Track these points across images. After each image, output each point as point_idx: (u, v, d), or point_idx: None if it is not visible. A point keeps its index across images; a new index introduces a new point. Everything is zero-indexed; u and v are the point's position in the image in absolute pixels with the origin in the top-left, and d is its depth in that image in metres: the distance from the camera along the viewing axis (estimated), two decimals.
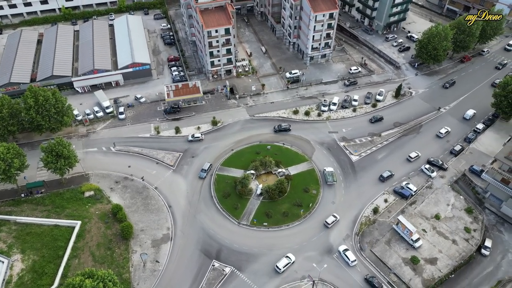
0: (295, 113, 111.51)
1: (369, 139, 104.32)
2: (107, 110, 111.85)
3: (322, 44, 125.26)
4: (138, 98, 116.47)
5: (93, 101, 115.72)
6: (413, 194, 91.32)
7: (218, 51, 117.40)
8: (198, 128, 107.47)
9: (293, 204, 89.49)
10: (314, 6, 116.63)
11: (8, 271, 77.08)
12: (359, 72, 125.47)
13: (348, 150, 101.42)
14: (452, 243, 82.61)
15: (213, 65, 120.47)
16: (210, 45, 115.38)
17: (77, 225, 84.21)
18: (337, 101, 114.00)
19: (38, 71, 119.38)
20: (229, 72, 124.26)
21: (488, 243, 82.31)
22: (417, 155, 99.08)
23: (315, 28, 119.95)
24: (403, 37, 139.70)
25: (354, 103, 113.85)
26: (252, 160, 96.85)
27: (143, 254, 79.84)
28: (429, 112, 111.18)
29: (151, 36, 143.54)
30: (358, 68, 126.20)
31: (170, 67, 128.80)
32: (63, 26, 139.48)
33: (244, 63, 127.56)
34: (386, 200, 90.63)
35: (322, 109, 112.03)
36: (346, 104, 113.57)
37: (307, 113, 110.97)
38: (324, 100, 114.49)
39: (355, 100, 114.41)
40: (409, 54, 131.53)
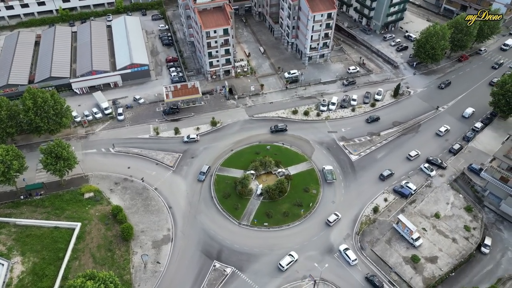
0: (294, 113, 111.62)
1: (368, 139, 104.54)
2: (106, 111, 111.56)
3: (321, 44, 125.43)
4: (137, 99, 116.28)
5: (92, 103, 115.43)
6: (413, 193, 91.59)
7: (217, 52, 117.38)
8: (198, 129, 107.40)
9: (293, 204, 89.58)
10: (312, 6, 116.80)
11: (8, 274, 76.58)
12: (358, 72, 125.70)
13: (348, 150, 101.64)
14: (452, 242, 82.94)
15: (212, 66, 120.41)
16: (209, 46, 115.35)
17: (77, 227, 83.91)
18: (336, 101, 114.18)
19: (36, 73, 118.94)
20: (228, 73, 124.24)
21: (488, 241, 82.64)
22: (417, 154, 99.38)
23: (313, 28, 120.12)
24: (401, 37, 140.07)
25: (353, 103, 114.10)
26: (252, 160, 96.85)
27: (144, 255, 79.67)
28: (428, 111, 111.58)
29: (149, 37, 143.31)
30: (357, 68, 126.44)
31: (169, 68, 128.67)
32: (61, 28, 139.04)
33: (243, 64, 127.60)
34: (386, 199, 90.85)
35: (321, 109, 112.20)
36: (345, 104, 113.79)
37: (306, 113, 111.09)
38: (323, 100, 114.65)
39: (354, 100, 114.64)
40: (407, 54, 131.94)
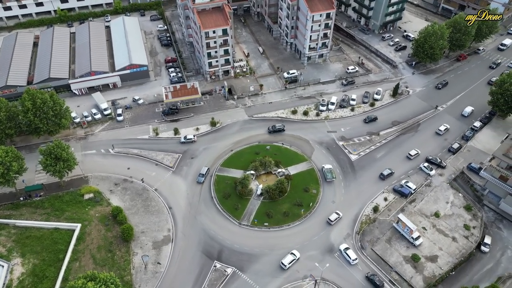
0: (294, 113, 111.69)
1: (368, 138, 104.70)
2: (105, 112, 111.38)
3: (319, 44, 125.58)
4: (136, 100, 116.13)
5: (91, 103, 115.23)
6: (413, 192, 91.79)
7: (216, 52, 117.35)
8: (197, 129, 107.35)
9: (294, 204, 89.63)
10: (311, 6, 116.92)
11: (8, 275, 76.39)
12: (357, 72, 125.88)
13: (347, 149, 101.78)
14: (452, 241, 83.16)
15: (211, 66, 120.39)
16: (208, 46, 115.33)
17: (77, 228, 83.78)
18: (335, 101, 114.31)
19: (35, 74, 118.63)
20: (227, 73, 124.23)
21: (488, 240, 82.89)
22: (417, 153, 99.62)
23: (312, 28, 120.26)
24: (399, 36, 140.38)
25: (352, 103, 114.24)
26: (252, 161, 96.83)
27: (145, 256, 79.55)
28: (427, 111, 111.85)
29: (148, 38, 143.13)
30: (356, 68, 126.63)
31: (168, 69, 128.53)
32: (59, 28, 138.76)
33: (242, 64, 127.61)
34: (386, 199, 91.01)
35: (321, 109, 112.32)
36: (344, 104, 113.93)
37: (306, 113, 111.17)
38: (322, 100, 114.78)
39: (353, 100, 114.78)
40: (406, 53, 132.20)
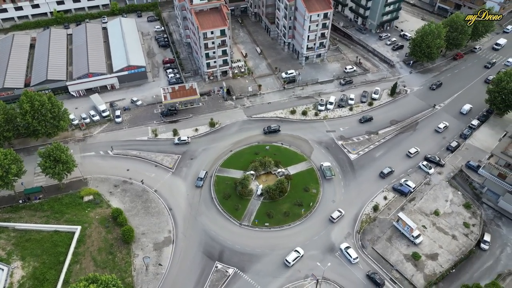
0: (292, 113, 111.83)
1: (367, 137, 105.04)
2: (104, 114, 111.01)
3: (317, 44, 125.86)
4: (135, 101, 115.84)
5: (89, 105, 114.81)
6: (412, 191, 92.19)
7: (214, 53, 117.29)
8: (196, 130, 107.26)
9: (294, 204, 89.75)
10: (309, 6, 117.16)
11: (8, 279, 76.01)
12: (354, 71, 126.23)
13: (346, 149, 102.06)
14: (452, 239, 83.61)
15: (209, 67, 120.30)
16: (206, 47, 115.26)
17: (77, 230, 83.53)
18: (334, 100, 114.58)
19: (32, 76, 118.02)
20: (225, 74, 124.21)
21: (487, 238, 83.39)
22: (417, 151, 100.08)
23: (310, 28, 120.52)
24: (396, 36, 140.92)
25: (351, 102, 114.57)
26: (251, 161, 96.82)
27: (146, 258, 79.36)
28: (425, 109, 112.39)
29: (145, 39, 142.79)
30: (353, 67, 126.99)
31: (166, 70, 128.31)
32: (56, 30, 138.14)
33: (240, 64, 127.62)
34: (386, 198, 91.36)
35: (319, 109, 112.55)
36: (343, 103, 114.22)
37: (304, 113, 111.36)
38: (321, 100, 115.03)
39: (352, 99, 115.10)
40: (403, 53, 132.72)
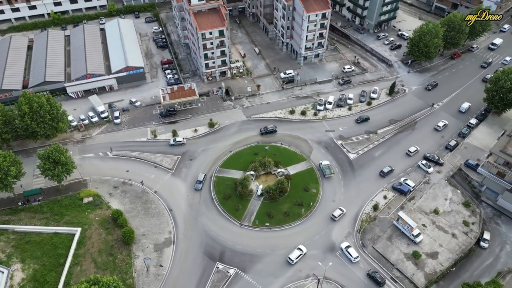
0: (291, 113, 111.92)
1: (366, 137, 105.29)
2: (102, 115, 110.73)
3: (315, 44, 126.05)
4: (133, 102, 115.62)
5: (87, 106, 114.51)
6: (412, 190, 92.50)
7: (213, 53, 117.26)
8: (195, 131, 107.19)
9: (294, 204, 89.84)
10: (307, 6, 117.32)
11: (9, 281, 75.67)
12: (353, 71, 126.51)
13: (346, 148, 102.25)
14: (452, 237, 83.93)
15: (208, 67, 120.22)
16: (205, 47, 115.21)
17: (77, 232, 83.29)
18: (333, 100, 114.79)
19: (30, 77, 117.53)
20: (224, 74, 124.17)
21: (487, 236, 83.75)
22: (416, 150, 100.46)
23: (308, 28, 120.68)
24: (394, 35, 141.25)
25: (349, 102, 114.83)
26: (251, 161, 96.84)
27: (147, 259, 79.23)
28: (423, 109, 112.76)
29: (143, 40, 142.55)
30: (352, 67, 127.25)
31: (164, 70, 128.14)
32: (53, 31, 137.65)
33: (239, 65, 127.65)
34: (386, 197, 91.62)
35: (318, 108, 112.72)
36: (342, 103, 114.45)
37: (303, 113, 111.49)
38: (320, 99, 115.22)
39: (350, 99, 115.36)
40: (401, 52, 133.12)
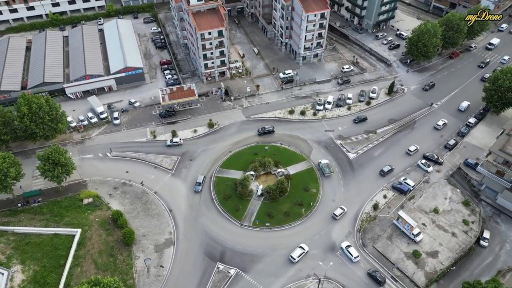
0: (291, 113, 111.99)
1: (365, 137, 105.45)
2: (101, 116, 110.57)
3: (314, 44, 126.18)
4: (132, 103, 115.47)
5: (86, 107, 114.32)
6: (411, 189, 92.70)
7: (212, 53, 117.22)
8: (195, 131, 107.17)
9: (294, 204, 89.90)
10: (306, 7, 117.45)
11: (9, 283, 75.49)
12: (352, 71, 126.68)
13: (345, 148, 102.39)
14: (452, 236, 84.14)
15: (207, 68, 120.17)
16: (204, 48, 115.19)
17: (77, 233, 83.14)
18: (332, 100, 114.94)
19: (29, 78, 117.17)
20: (223, 74, 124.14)
21: (486, 235, 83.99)
22: (416, 149, 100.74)
23: (307, 28, 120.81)
24: (393, 35, 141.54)
25: (349, 101, 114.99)
26: (251, 161, 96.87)
27: (147, 260, 79.15)
28: (422, 108, 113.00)
29: (142, 40, 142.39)
30: (350, 67, 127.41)
31: (163, 71, 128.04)
32: (52, 32, 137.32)
33: (238, 65, 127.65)
34: (385, 196, 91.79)
35: (317, 108, 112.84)
36: (341, 103, 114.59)
37: (303, 113, 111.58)
38: (319, 99, 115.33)
39: (349, 99, 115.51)
40: (399, 52, 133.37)
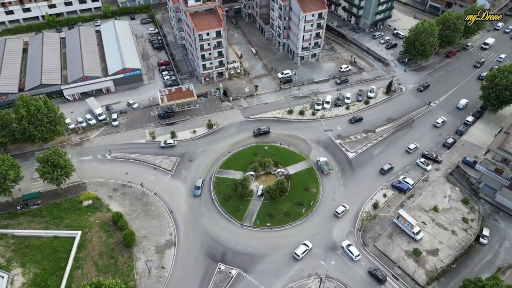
0: (290, 113, 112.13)
1: (364, 136, 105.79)
2: (100, 117, 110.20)
3: (312, 44, 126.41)
4: (131, 104, 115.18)
5: (85, 109, 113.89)
6: (411, 188, 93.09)
7: (210, 54, 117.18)
8: (194, 132, 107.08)
9: (295, 203, 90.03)
10: (303, 6, 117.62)
11: (9, 286, 75.15)
12: (350, 70, 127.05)
13: (345, 147, 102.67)
14: (452, 234, 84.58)
15: (205, 68, 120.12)
16: (202, 48, 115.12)
17: (78, 235, 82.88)
18: (330, 100, 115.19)
19: (26, 80, 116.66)
20: (221, 75, 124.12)
21: (486, 232, 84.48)
22: (416, 147, 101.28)
23: (305, 28, 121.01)
24: (390, 34, 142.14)
25: (347, 101, 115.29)
26: (251, 161, 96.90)
27: (148, 261, 78.95)
28: (420, 107, 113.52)
29: (139, 41, 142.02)
30: (348, 66, 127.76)
31: (161, 72, 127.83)
32: (49, 34, 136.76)
33: (236, 65, 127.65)
34: (385, 195, 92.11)
35: (316, 108, 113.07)
36: (339, 102, 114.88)
37: (302, 113, 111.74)
38: (318, 99, 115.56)
39: (348, 98, 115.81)
40: (397, 51, 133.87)
